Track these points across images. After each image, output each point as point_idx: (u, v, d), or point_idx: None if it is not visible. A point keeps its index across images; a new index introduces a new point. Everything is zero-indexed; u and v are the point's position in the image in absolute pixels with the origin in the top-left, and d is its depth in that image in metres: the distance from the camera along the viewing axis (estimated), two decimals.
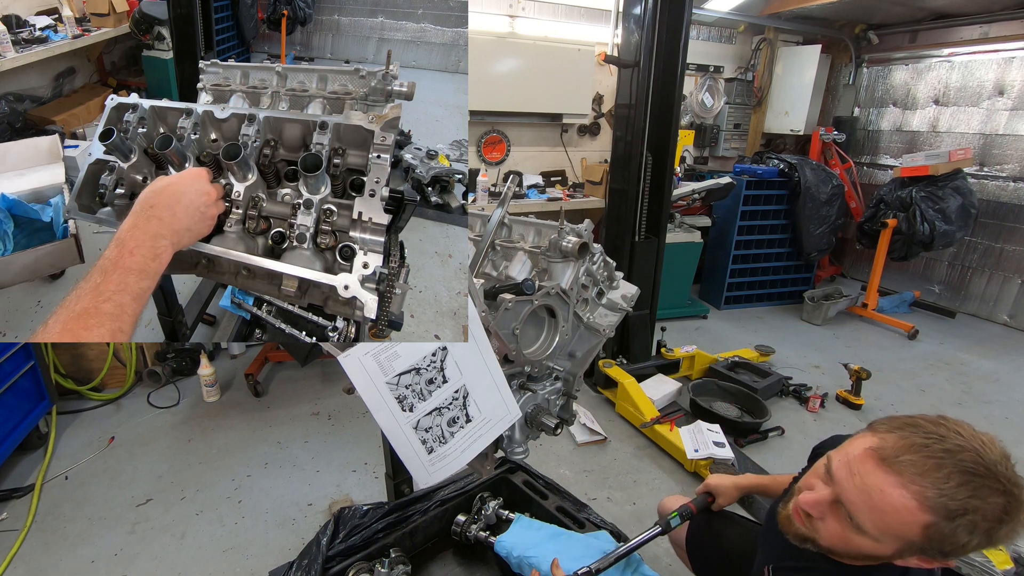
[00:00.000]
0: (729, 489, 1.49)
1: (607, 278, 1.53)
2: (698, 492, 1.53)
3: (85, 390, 3.00)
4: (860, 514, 0.85)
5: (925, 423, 0.86)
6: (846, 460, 0.89)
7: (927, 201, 4.26)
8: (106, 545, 2.08)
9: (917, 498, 0.80)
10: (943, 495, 0.78)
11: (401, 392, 1.11)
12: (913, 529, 0.81)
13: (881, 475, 0.83)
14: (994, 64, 4.67)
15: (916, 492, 0.80)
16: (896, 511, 0.81)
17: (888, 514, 0.82)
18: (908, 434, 0.84)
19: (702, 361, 3.51)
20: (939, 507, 0.79)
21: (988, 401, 3.43)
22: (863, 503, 0.84)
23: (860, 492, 0.84)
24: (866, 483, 0.84)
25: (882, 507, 0.82)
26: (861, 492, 0.84)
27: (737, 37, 5.49)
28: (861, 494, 0.84)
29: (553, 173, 4.89)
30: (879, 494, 0.82)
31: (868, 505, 0.83)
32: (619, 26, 3.41)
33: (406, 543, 1.73)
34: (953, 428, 0.84)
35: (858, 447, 0.88)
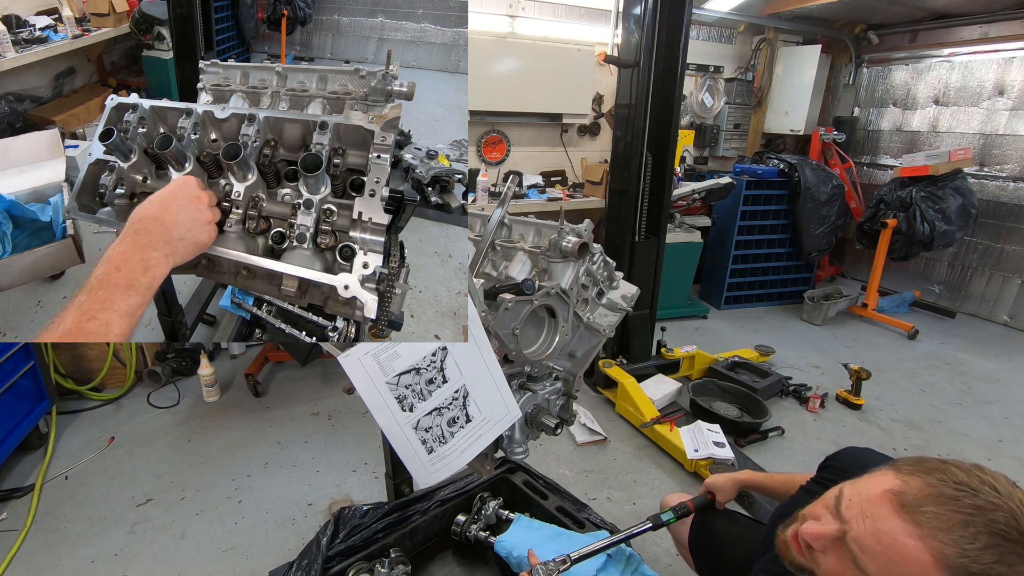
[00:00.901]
0: (727, 484, 1.49)
1: (607, 278, 1.53)
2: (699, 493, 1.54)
3: (85, 390, 3.00)
4: (867, 559, 0.78)
5: (957, 471, 0.78)
6: (860, 498, 0.81)
7: (927, 201, 4.26)
8: (106, 545, 2.08)
9: (934, 554, 0.72)
10: (965, 555, 0.71)
11: (401, 392, 1.11)
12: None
13: (898, 522, 0.76)
14: (994, 64, 4.67)
15: (935, 548, 0.72)
16: (908, 563, 0.74)
17: (898, 565, 0.75)
18: (935, 482, 0.77)
19: (702, 361, 3.51)
20: (958, 568, 0.71)
21: (988, 401, 3.42)
22: (873, 548, 0.77)
23: (871, 536, 0.78)
24: (879, 527, 0.77)
25: (892, 556, 0.75)
26: (872, 536, 0.78)
27: (737, 37, 5.49)
28: (871, 538, 0.77)
29: (553, 173, 4.89)
30: (891, 542, 0.75)
31: (878, 551, 0.77)
32: (619, 26, 3.41)
33: (406, 543, 1.73)
34: (988, 481, 0.76)
35: (876, 486, 0.81)
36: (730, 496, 1.50)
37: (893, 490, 0.78)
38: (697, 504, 1.48)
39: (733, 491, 1.50)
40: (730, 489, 1.50)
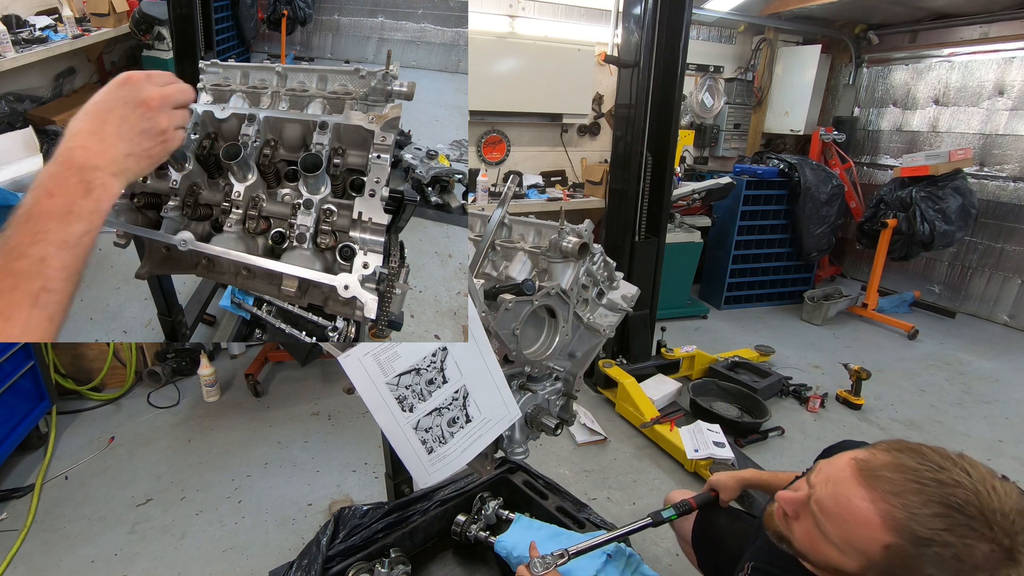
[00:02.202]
0: (730, 482, 1.50)
1: (607, 278, 1.53)
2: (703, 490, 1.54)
3: (85, 390, 3.00)
4: (826, 519, 0.84)
5: (931, 452, 0.81)
6: (829, 466, 0.88)
7: (927, 201, 4.26)
8: (106, 545, 2.08)
9: (882, 515, 0.77)
10: (913, 519, 0.75)
11: (401, 392, 1.11)
12: (874, 547, 0.78)
13: (853, 485, 0.81)
14: (994, 64, 4.67)
15: (884, 510, 0.77)
16: (858, 524, 0.79)
17: (850, 525, 0.80)
18: (903, 457, 0.81)
19: (702, 361, 3.51)
20: (904, 530, 0.75)
21: (988, 401, 3.42)
22: (830, 509, 0.83)
23: (830, 498, 0.84)
24: (837, 490, 0.83)
25: (846, 517, 0.81)
26: (831, 498, 0.83)
27: (737, 37, 5.49)
28: (831, 500, 0.83)
29: (553, 173, 4.89)
30: (846, 503, 0.81)
31: (834, 512, 0.82)
32: (619, 26, 3.41)
33: (406, 543, 1.74)
34: (963, 465, 0.78)
35: (845, 457, 0.87)
36: (734, 494, 1.50)
37: (857, 458, 0.84)
38: (700, 501, 1.48)
39: (737, 489, 1.50)
40: (733, 487, 1.50)
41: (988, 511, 0.73)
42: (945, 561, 0.73)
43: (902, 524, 0.75)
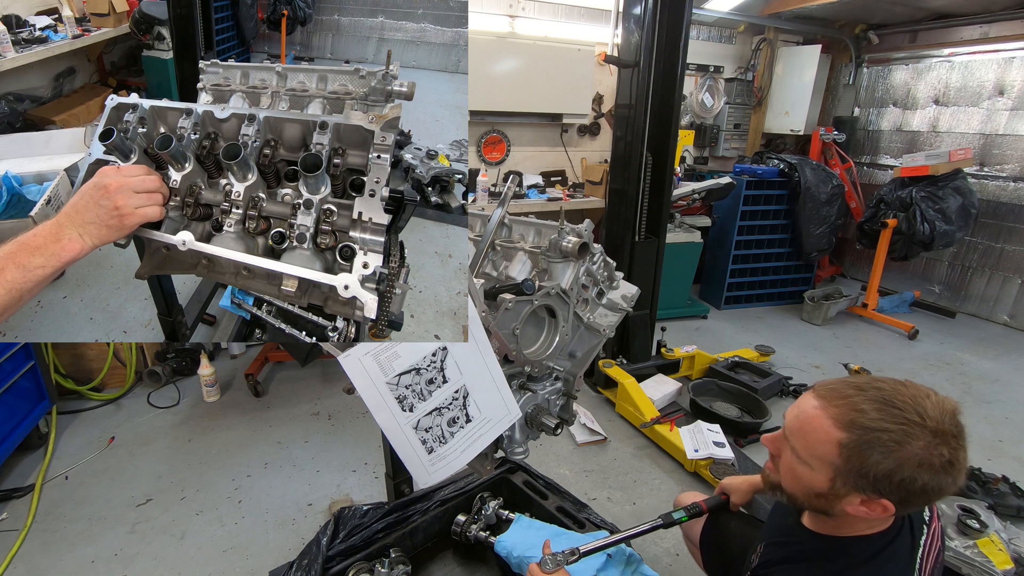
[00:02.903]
0: (742, 486, 1.50)
1: (607, 278, 1.53)
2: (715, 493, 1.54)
3: (85, 390, 3.00)
4: (794, 439, 0.97)
5: (884, 378, 0.95)
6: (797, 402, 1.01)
7: (927, 201, 4.26)
8: (106, 545, 2.08)
9: (833, 417, 0.91)
10: (857, 414, 0.88)
11: (401, 392, 1.11)
12: (830, 448, 0.90)
13: (811, 401, 0.96)
14: (994, 64, 4.67)
15: (833, 413, 0.91)
16: (816, 431, 0.92)
17: (811, 434, 0.93)
18: (855, 379, 0.96)
19: (702, 361, 3.51)
20: (851, 424, 0.88)
21: (988, 401, 3.42)
22: (793, 427, 0.98)
23: (794, 419, 0.98)
24: (799, 411, 0.97)
25: (805, 428, 0.95)
26: (795, 419, 0.98)
27: (737, 37, 5.49)
28: (794, 420, 0.98)
29: (553, 173, 4.89)
30: (805, 416, 0.95)
31: (798, 429, 0.96)
32: (619, 26, 3.40)
33: (406, 543, 1.74)
34: (905, 382, 0.92)
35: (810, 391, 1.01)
36: (745, 499, 1.51)
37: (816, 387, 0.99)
38: (711, 505, 1.48)
39: (748, 494, 1.51)
40: (745, 491, 1.50)
41: (920, 407, 0.87)
42: (886, 445, 0.86)
43: (848, 419, 0.89)
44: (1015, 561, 1.79)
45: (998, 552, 1.80)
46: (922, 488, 0.86)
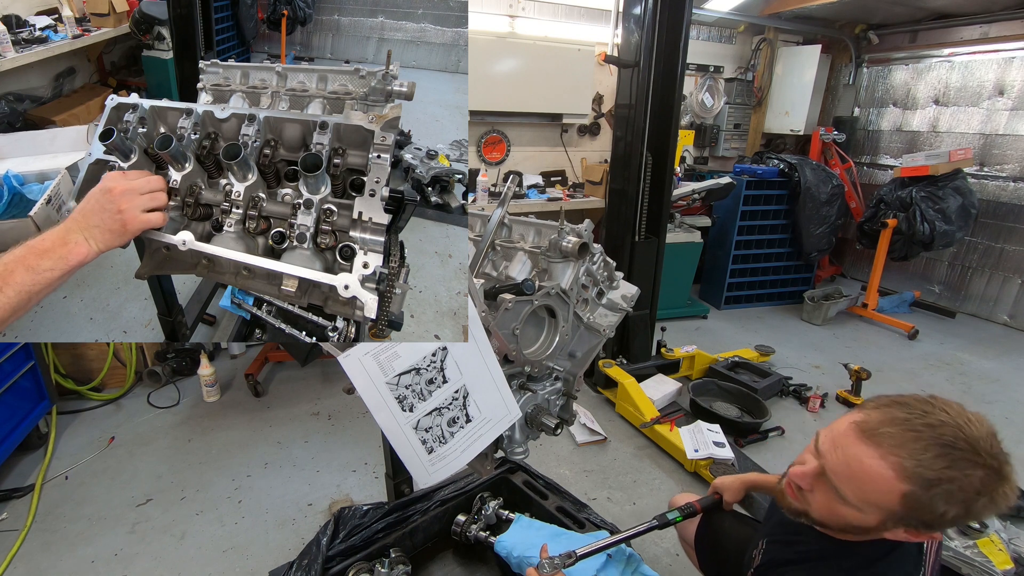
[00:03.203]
0: (734, 484, 1.51)
1: (607, 278, 1.53)
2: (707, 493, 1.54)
3: (85, 390, 3.00)
4: (842, 485, 0.89)
5: (912, 401, 0.89)
6: (831, 434, 0.94)
7: (927, 201, 4.26)
8: (106, 545, 2.08)
9: (895, 468, 0.84)
10: (920, 465, 0.82)
11: (401, 392, 1.11)
12: (892, 498, 0.85)
13: (861, 447, 0.87)
14: (994, 64, 4.67)
15: (894, 463, 0.84)
16: (875, 481, 0.85)
17: (867, 484, 0.86)
18: (892, 410, 0.89)
19: (702, 361, 3.51)
20: (915, 477, 0.83)
21: (988, 401, 3.42)
22: (845, 474, 0.89)
23: (842, 464, 0.89)
24: (847, 455, 0.89)
25: (862, 477, 0.87)
26: (843, 464, 0.89)
27: (737, 37, 5.49)
28: (843, 465, 0.89)
29: (553, 173, 4.89)
30: (859, 464, 0.87)
31: (849, 476, 0.88)
32: (619, 26, 3.40)
33: (406, 543, 1.74)
34: (940, 406, 0.87)
35: (843, 422, 0.93)
36: (738, 496, 1.51)
37: (855, 421, 0.91)
38: (704, 505, 1.48)
39: (740, 491, 1.51)
40: (737, 489, 1.51)
41: (972, 440, 0.82)
42: (953, 495, 0.82)
43: (912, 472, 0.83)
44: (1015, 561, 1.79)
45: (998, 552, 1.80)
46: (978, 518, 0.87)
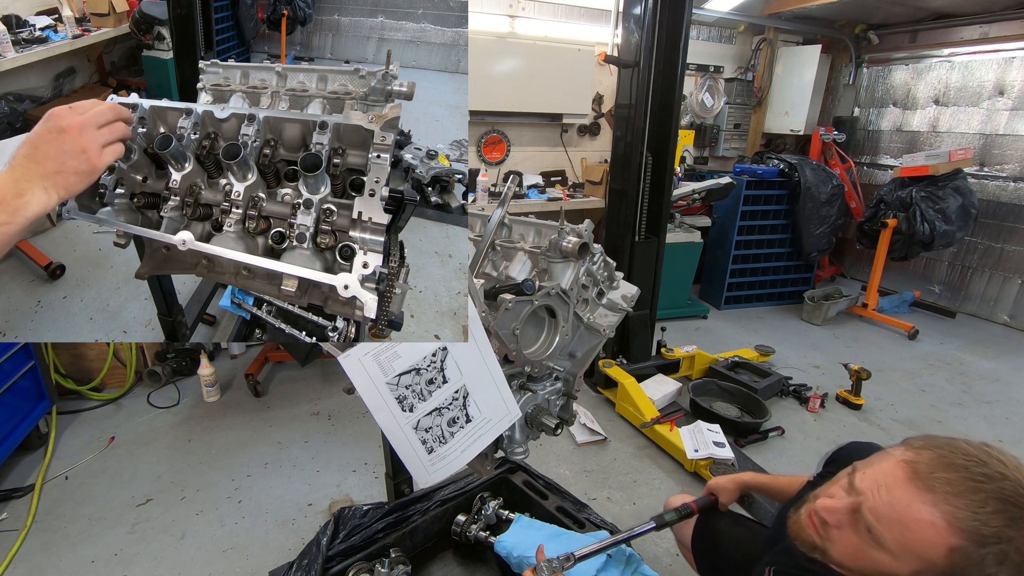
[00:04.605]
0: (729, 485, 1.50)
1: (607, 278, 1.53)
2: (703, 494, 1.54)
3: (85, 390, 3.00)
4: (882, 527, 0.80)
5: (966, 446, 0.81)
6: (874, 471, 0.85)
7: (927, 201, 4.26)
8: (106, 545, 2.08)
9: (947, 518, 0.75)
10: (976, 519, 0.74)
11: (401, 392, 1.11)
12: (938, 551, 0.76)
13: (911, 489, 0.79)
14: (994, 64, 4.67)
15: (947, 512, 0.75)
16: (922, 528, 0.77)
17: (913, 531, 0.78)
18: (946, 453, 0.80)
19: (702, 361, 3.51)
20: (970, 531, 0.74)
21: (988, 401, 3.42)
22: (887, 516, 0.80)
23: (886, 505, 0.81)
24: (893, 496, 0.80)
25: (907, 522, 0.78)
26: (887, 505, 0.80)
27: (737, 37, 5.49)
28: (886, 507, 0.80)
29: (553, 173, 4.89)
30: (906, 508, 0.78)
31: (893, 518, 0.80)
32: (619, 26, 3.40)
33: (406, 543, 1.74)
34: (996, 455, 0.79)
35: (890, 459, 0.84)
36: (733, 497, 1.51)
37: (906, 460, 0.81)
38: (700, 505, 1.48)
39: (736, 492, 1.51)
40: (732, 489, 1.50)
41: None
42: (1007, 557, 0.73)
43: (967, 525, 0.74)
44: None
45: None
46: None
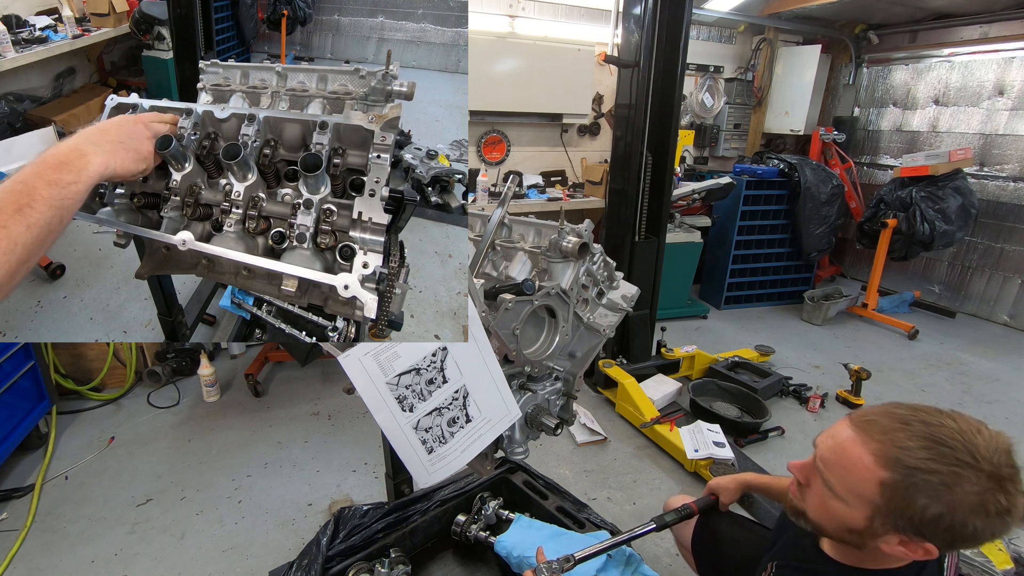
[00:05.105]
0: (730, 485, 1.50)
1: (607, 278, 1.53)
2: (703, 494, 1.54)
3: (85, 390, 3.00)
4: (829, 472, 0.90)
5: (926, 408, 0.87)
6: (830, 428, 0.95)
7: (927, 201, 4.26)
8: (106, 545, 2.08)
9: (875, 453, 0.83)
10: (901, 452, 0.81)
11: (401, 392, 1.11)
12: (872, 487, 0.83)
13: (850, 435, 0.88)
14: (994, 64, 4.67)
15: (875, 448, 0.83)
16: (857, 467, 0.85)
17: (850, 471, 0.86)
18: (892, 407, 0.88)
19: (702, 361, 3.51)
20: (895, 462, 0.81)
21: (988, 401, 3.42)
22: (831, 461, 0.90)
23: (830, 450, 0.91)
24: (836, 442, 0.90)
25: (844, 463, 0.87)
26: (830, 450, 0.90)
27: (737, 37, 5.49)
28: (830, 452, 0.90)
29: (553, 173, 4.89)
30: (842, 451, 0.88)
31: (834, 462, 0.89)
32: (619, 26, 3.40)
33: (406, 543, 1.74)
34: (952, 415, 0.84)
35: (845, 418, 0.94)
36: (734, 497, 1.51)
37: (852, 413, 0.92)
38: (701, 506, 1.48)
39: (737, 492, 1.50)
40: (734, 490, 1.50)
41: (971, 446, 0.78)
42: (934, 488, 0.78)
43: (891, 456, 0.82)
44: (1015, 561, 1.79)
45: (998, 552, 1.80)
46: (972, 534, 0.79)
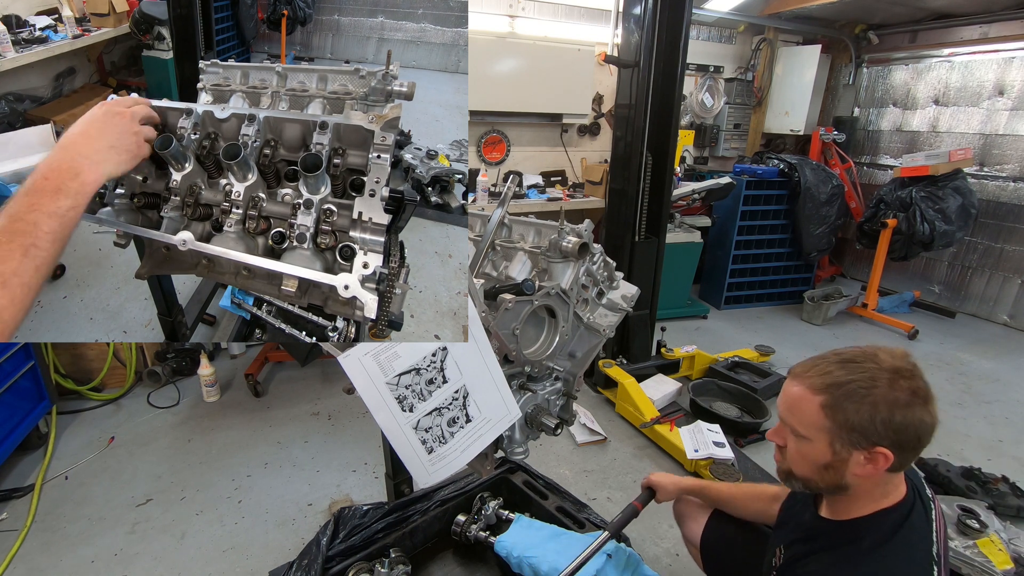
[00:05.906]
0: (669, 486, 1.57)
1: (607, 278, 1.53)
2: (642, 486, 1.60)
3: (85, 390, 3.00)
4: (788, 419, 1.07)
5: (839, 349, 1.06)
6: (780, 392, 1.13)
7: (927, 201, 4.26)
8: (106, 545, 2.08)
9: (809, 387, 1.02)
10: (825, 376, 1.00)
11: (401, 392, 1.11)
12: (818, 414, 1.00)
13: (790, 384, 1.07)
14: (994, 64, 4.67)
15: (809, 383, 1.02)
16: (802, 404, 1.02)
17: (800, 409, 1.03)
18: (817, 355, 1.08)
19: (702, 361, 3.51)
20: (822, 386, 1.00)
21: (988, 401, 3.42)
22: (787, 410, 1.07)
23: (783, 404, 1.09)
24: (785, 395, 1.08)
25: (793, 407, 1.05)
26: (784, 404, 1.08)
27: (737, 37, 5.49)
28: (784, 405, 1.08)
29: (553, 173, 4.89)
30: (790, 398, 1.06)
31: (787, 409, 1.07)
32: (619, 26, 3.40)
33: (406, 543, 1.74)
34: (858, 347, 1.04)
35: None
36: (670, 497, 1.58)
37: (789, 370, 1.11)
38: (642, 502, 1.53)
39: (674, 494, 1.58)
40: (671, 491, 1.57)
41: (873, 357, 0.99)
42: (857, 393, 0.96)
43: (820, 384, 1.00)
44: (1015, 561, 1.79)
45: (998, 552, 1.80)
46: (903, 426, 0.94)
